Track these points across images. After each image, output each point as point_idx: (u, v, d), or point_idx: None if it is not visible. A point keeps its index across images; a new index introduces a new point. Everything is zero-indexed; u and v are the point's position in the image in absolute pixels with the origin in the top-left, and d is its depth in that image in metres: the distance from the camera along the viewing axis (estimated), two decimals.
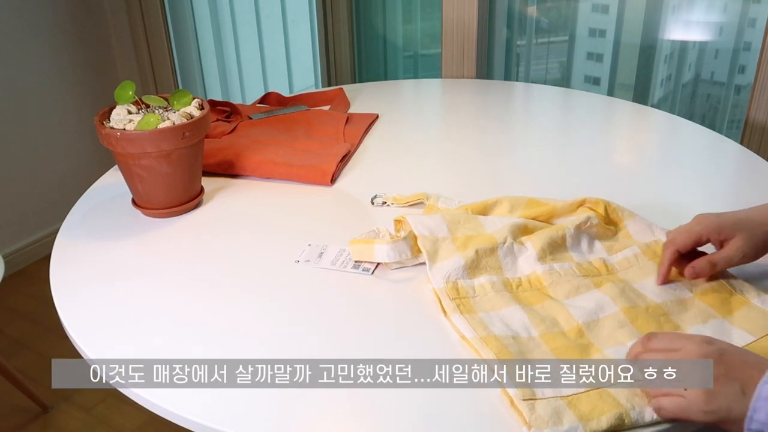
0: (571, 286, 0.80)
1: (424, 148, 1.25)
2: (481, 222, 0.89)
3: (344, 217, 1.01)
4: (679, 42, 1.63)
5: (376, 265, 0.86)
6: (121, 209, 1.03)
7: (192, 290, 0.84)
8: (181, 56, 2.40)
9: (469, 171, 1.14)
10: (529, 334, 0.73)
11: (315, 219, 1.00)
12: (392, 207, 1.00)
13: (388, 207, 1.01)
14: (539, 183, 1.08)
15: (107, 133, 0.93)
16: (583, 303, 0.77)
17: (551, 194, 0.97)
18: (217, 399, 0.67)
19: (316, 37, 2.11)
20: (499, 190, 0.98)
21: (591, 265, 0.84)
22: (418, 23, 2.01)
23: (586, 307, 0.76)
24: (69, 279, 0.88)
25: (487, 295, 0.79)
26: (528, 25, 1.80)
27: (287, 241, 0.93)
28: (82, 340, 0.76)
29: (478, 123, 1.33)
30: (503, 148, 1.25)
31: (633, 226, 0.91)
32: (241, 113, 1.33)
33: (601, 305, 0.76)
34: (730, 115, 1.64)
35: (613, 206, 0.92)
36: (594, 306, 0.76)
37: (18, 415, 1.72)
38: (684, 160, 1.15)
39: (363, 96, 1.49)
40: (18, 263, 2.27)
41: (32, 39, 2.18)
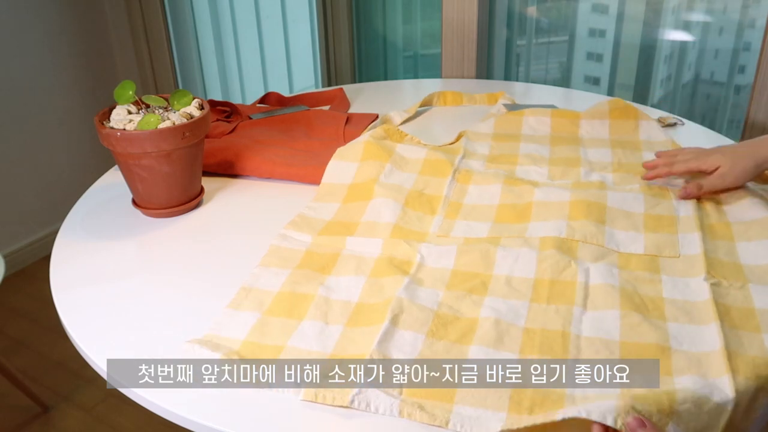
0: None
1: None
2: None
3: None
4: (679, 42, 1.63)
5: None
6: (121, 209, 1.03)
7: (192, 290, 0.84)
8: (181, 56, 2.40)
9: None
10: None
11: None
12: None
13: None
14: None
15: (107, 133, 0.93)
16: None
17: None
18: (218, 399, 0.67)
19: (316, 37, 2.11)
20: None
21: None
22: (418, 23, 2.01)
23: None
24: (69, 279, 0.88)
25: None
26: (528, 25, 1.80)
27: None
28: (82, 340, 0.76)
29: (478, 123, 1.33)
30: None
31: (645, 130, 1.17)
32: (241, 113, 1.33)
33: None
34: (730, 115, 1.64)
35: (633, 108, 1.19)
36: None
37: (18, 415, 1.72)
38: None
39: (363, 96, 1.49)
40: (18, 263, 2.27)
41: (32, 39, 2.18)
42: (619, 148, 1.14)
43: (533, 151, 1.13)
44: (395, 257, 0.86)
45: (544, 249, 0.84)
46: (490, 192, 0.99)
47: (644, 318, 0.73)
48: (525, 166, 1.09)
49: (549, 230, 0.89)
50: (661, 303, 0.76)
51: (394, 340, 0.71)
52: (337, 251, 0.88)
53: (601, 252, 0.85)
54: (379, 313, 0.75)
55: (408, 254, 0.86)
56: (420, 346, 0.71)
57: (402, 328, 0.73)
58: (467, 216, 0.95)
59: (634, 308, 0.74)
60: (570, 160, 1.10)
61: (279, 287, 0.81)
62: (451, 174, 1.04)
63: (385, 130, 1.16)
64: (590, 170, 1.06)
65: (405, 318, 0.74)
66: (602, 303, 0.76)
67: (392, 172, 1.04)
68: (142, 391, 0.68)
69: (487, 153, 1.14)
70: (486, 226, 0.92)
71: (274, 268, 0.85)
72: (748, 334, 0.71)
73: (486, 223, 0.93)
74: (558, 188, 0.98)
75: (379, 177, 1.02)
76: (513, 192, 0.99)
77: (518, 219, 0.93)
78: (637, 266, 0.82)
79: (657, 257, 0.84)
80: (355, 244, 0.89)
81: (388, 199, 0.96)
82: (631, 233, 0.89)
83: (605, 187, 0.99)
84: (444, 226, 0.93)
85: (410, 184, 1.02)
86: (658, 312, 0.75)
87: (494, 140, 1.18)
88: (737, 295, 0.77)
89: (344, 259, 0.86)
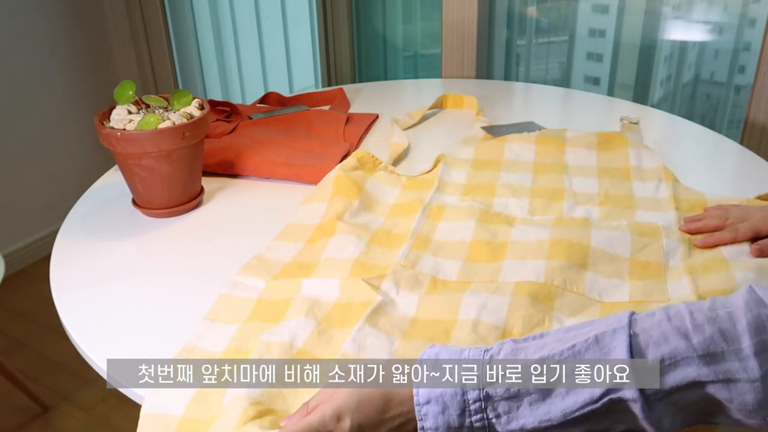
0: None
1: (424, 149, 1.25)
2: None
3: None
4: (679, 42, 1.63)
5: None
6: (121, 209, 1.03)
7: (192, 290, 0.84)
8: (181, 56, 2.40)
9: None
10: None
11: None
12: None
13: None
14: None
15: (107, 133, 0.93)
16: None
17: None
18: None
19: (316, 37, 2.11)
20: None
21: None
22: (418, 23, 2.01)
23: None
24: (69, 279, 0.88)
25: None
26: (528, 25, 1.80)
27: None
28: (82, 340, 0.76)
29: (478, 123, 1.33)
30: None
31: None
32: (241, 113, 1.33)
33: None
34: (730, 115, 1.64)
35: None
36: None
37: (18, 415, 1.72)
38: (684, 160, 1.15)
39: (363, 96, 1.49)
40: (18, 263, 2.27)
41: (32, 39, 2.18)
42: (607, 176, 1.05)
43: (514, 181, 1.04)
44: (353, 302, 0.76)
45: (518, 295, 0.76)
46: (462, 229, 0.91)
47: None
48: (504, 198, 0.99)
49: (526, 272, 0.80)
50: None
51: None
52: (290, 296, 0.79)
53: (580, 303, 0.76)
54: (319, 371, 0.66)
55: (368, 296, 0.77)
56: None
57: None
58: (436, 251, 0.86)
59: None
60: (553, 191, 1.01)
61: (223, 348, 0.72)
62: (421, 210, 0.95)
63: (358, 158, 1.06)
64: (575, 204, 0.97)
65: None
66: None
67: (359, 212, 0.95)
68: (142, 391, 0.68)
69: (464, 182, 1.05)
70: (456, 265, 0.84)
71: (220, 324, 0.76)
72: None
73: (456, 261, 0.84)
74: (537, 226, 0.90)
75: (345, 215, 0.94)
76: (488, 230, 0.90)
77: (492, 258, 0.84)
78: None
79: (644, 302, 0.76)
80: (311, 286, 0.80)
81: (351, 236, 0.88)
82: (615, 280, 0.80)
83: (589, 225, 0.90)
84: (411, 256, 0.85)
85: (377, 225, 0.94)
86: None
87: (473, 167, 1.09)
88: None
89: (297, 304, 0.77)
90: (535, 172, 1.07)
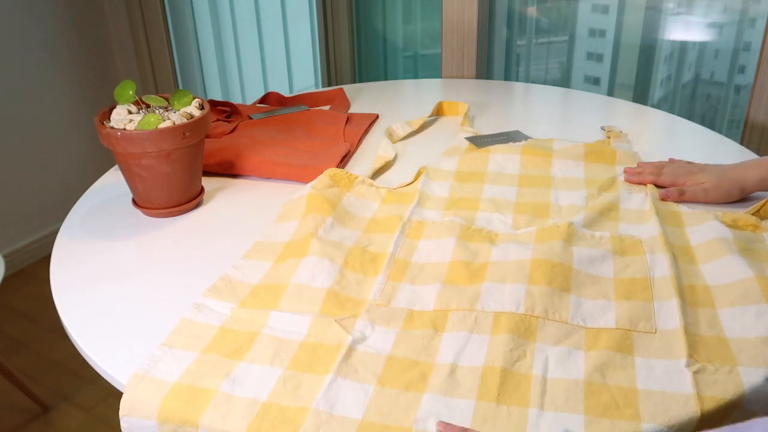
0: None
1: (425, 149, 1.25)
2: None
3: None
4: (679, 42, 1.63)
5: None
6: (121, 209, 1.03)
7: (192, 290, 0.84)
8: (181, 56, 2.40)
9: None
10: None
11: None
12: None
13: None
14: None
15: (107, 133, 0.93)
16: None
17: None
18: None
19: (316, 37, 2.11)
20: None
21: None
22: (418, 23, 2.01)
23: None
24: (69, 279, 0.88)
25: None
26: (528, 25, 1.80)
27: None
28: (82, 340, 0.76)
29: (478, 123, 1.33)
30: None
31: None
32: (241, 113, 1.33)
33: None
34: (730, 115, 1.64)
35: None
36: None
37: (18, 415, 1.72)
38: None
39: (363, 96, 1.49)
40: (18, 263, 2.27)
41: (33, 39, 2.18)
42: (595, 187, 1.03)
43: (498, 195, 1.01)
44: (323, 343, 0.73)
45: (497, 333, 0.73)
46: (442, 248, 0.87)
47: (614, 424, 0.62)
48: (487, 213, 0.96)
49: (505, 300, 0.77)
50: (634, 397, 0.65)
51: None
52: (256, 330, 0.75)
53: (564, 331, 0.74)
54: (290, 425, 0.63)
55: (338, 337, 0.73)
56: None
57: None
58: (414, 279, 0.83)
59: (601, 411, 0.64)
60: (538, 206, 0.99)
61: (176, 378, 0.68)
62: (400, 228, 0.92)
63: (331, 176, 1.02)
64: (561, 220, 0.94)
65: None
66: (563, 404, 0.65)
67: (333, 228, 0.91)
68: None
69: (447, 195, 1.02)
70: (434, 291, 0.80)
71: (178, 350, 0.72)
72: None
73: (434, 286, 0.81)
74: (519, 244, 0.87)
75: (318, 231, 0.90)
76: (468, 249, 0.87)
77: (471, 280, 0.82)
78: (607, 344, 0.71)
79: (630, 332, 0.73)
80: (279, 321, 0.76)
81: (324, 260, 0.84)
82: (600, 302, 0.78)
83: (573, 234, 0.88)
84: (386, 291, 0.81)
85: (352, 241, 0.90)
86: (631, 411, 0.64)
87: (456, 179, 1.06)
88: (726, 383, 0.66)
89: (262, 341, 0.73)
90: (520, 184, 1.05)
